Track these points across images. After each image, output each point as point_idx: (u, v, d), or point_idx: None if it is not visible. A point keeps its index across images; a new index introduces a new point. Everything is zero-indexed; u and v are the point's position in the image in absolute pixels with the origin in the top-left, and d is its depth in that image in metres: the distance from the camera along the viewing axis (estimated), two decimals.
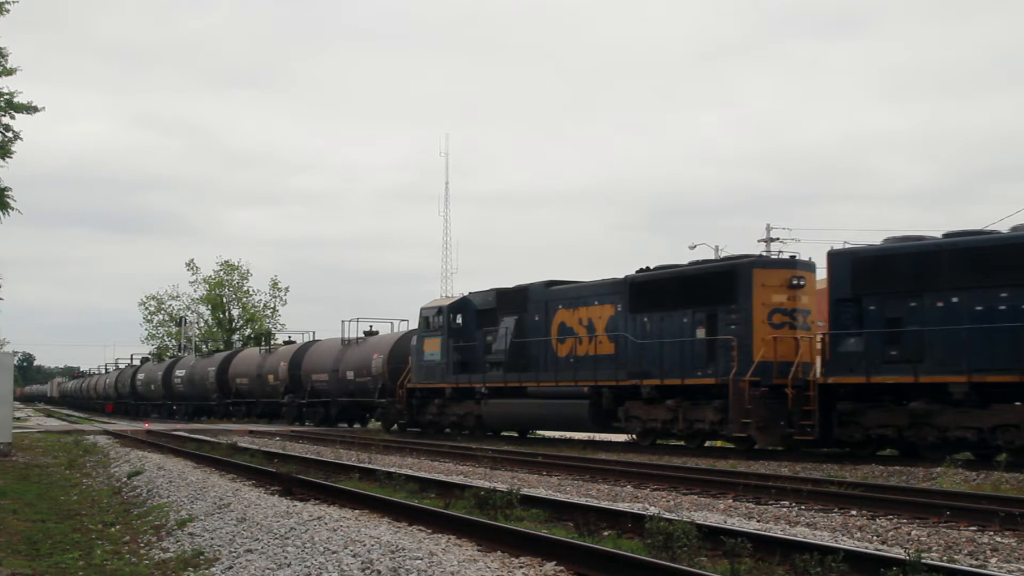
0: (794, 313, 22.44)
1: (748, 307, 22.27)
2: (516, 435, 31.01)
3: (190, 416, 54.75)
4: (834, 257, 20.81)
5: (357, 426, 40.51)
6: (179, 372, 57.08)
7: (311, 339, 46.35)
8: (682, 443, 24.28)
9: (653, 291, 24.55)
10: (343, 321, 40.82)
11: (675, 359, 23.37)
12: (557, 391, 26.62)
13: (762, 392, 21.41)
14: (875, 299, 20.00)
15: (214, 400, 51.72)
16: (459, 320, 30.80)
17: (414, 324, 38.04)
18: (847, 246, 20.95)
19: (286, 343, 49.09)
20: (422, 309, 32.27)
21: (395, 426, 34.78)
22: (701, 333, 23.02)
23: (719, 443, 24.84)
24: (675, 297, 23.87)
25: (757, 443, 21.72)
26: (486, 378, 29.14)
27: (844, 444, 20.61)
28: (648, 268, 25.18)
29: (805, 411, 20.56)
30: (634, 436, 25.33)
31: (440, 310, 31.29)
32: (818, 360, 21.22)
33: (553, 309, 27.38)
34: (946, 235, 19.70)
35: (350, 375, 38.88)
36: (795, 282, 22.48)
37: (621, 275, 25.72)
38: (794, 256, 23.60)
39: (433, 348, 31.27)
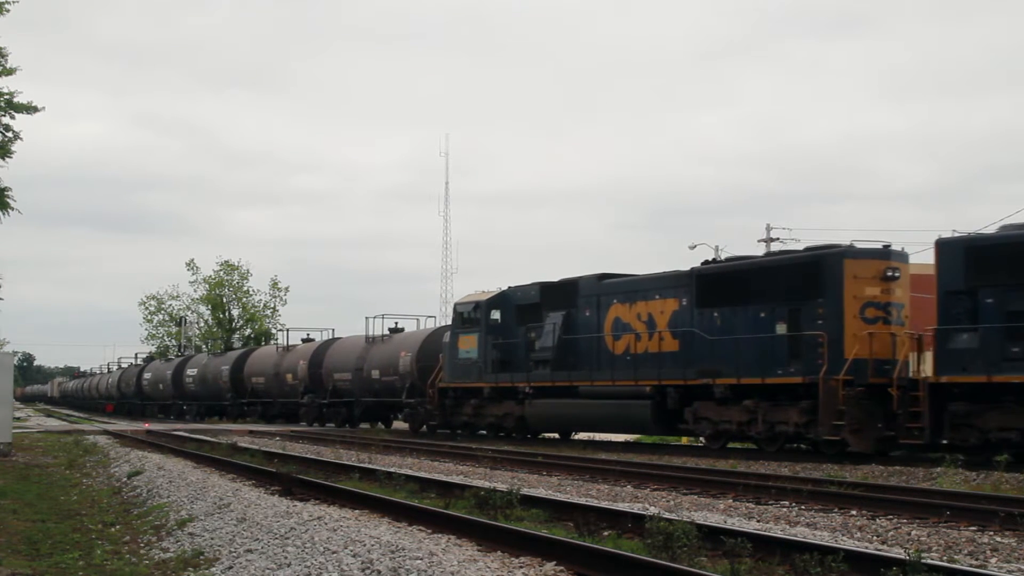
0: (888, 307, 20.72)
1: (838, 301, 20.61)
2: (557, 436, 29.49)
3: (202, 416, 53.36)
4: (944, 246, 19.25)
5: (381, 427, 39.35)
6: (191, 371, 55.54)
7: (331, 336, 44.82)
8: (753, 446, 22.76)
9: (724, 284, 22.97)
10: (367, 318, 39.84)
11: (752, 357, 21.72)
12: (614, 391, 24.97)
13: (857, 392, 19.90)
14: (993, 291, 18.43)
15: (228, 400, 50.27)
16: (497, 316, 29.29)
17: (442, 321, 37.71)
18: (957, 234, 19.47)
19: (304, 341, 46.94)
20: (456, 304, 31.04)
21: (424, 427, 33.59)
22: (782, 329, 21.42)
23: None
24: (750, 291, 22.28)
25: (850, 446, 20.03)
26: (530, 377, 27.53)
27: (957, 448, 18.78)
28: (714, 260, 23.94)
29: (912, 413, 19.14)
30: (702, 439, 23.89)
31: (477, 305, 29.77)
32: (916, 357, 19.91)
33: (607, 304, 25.81)
34: None
35: (375, 374, 37.27)
36: (889, 273, 20.73)
37: (685, 267, 24.31)
38: (887, 246, 21.59)
39: (469, 345, 29.80)
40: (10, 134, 22.33)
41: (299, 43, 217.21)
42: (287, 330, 47.75)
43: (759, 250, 46.37)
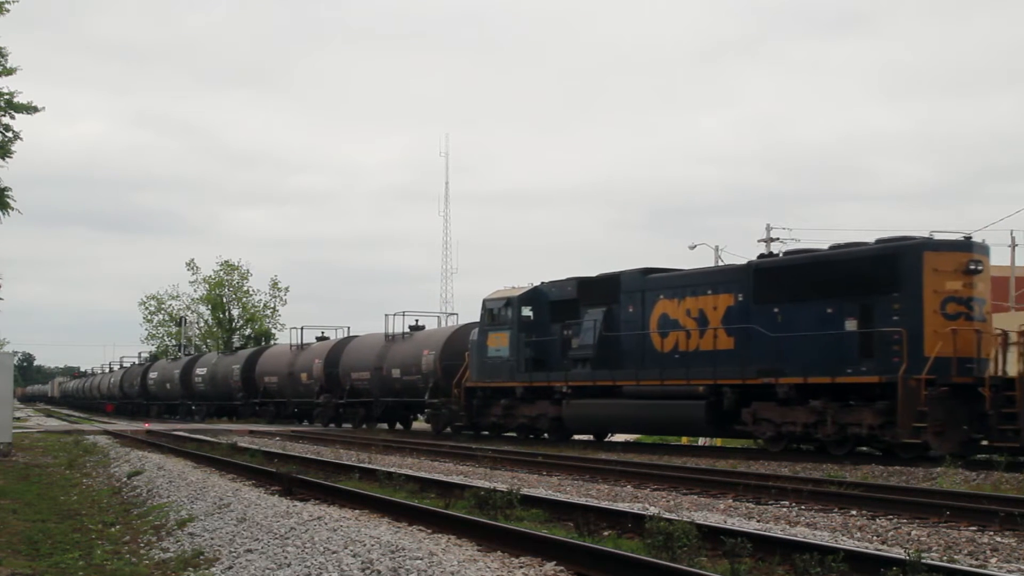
0: (970, 302, 19.67)
1: (917, 295, 19.53)
2: (591, 438, 28.30)
3: (212, 417, 52.09)
4: None
5: (400, 428, 38.34)
6: (200, 370, 54.29)
7: (347, 335, 43.53)
8: (811, 448, 21.43)
9: (785, 279, 21.72)
10: (386, 315, 37.85)
11: (819, 355, 20.59)
12: (662, 391, 23.65)
13: (940, 392, 18.89)
14: None
15: (239, 400, 48.88)
16: (529, 312, 28.08)
17: (465, 318, 36.03)
18: None
19: (319, 339, 45.25)
20: (486, 301, 29.45)
21: (447, 428, 32.39)
22: (852, 325, 20.31)
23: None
24: (815, 285, 21.06)
25: (931, 449, 18.96)
26: (569, 376, 26.22)
27: None
28: (770, 254, 22.69)
29: (1005, 414, 18.27)
30: (759, 441, 22.36)
31: (508, 302, 28.44)
32: (1002, 355, 19.08)
33: (652, 300, 24.55)
34: None
35: (396, 373, 35.82)
36: (971, 267, 19.70)
37: (741, 261, 23.24)
38: (968, 237, 20.62)
39: (499, 343, 28.49)
40: (10, 134, 22.36)
41: (299, 42, 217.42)
42: (301, 328, 45.92)
43: (759, 250, 46.43)
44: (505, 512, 11.21)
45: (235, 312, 77.14)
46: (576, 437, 28.90)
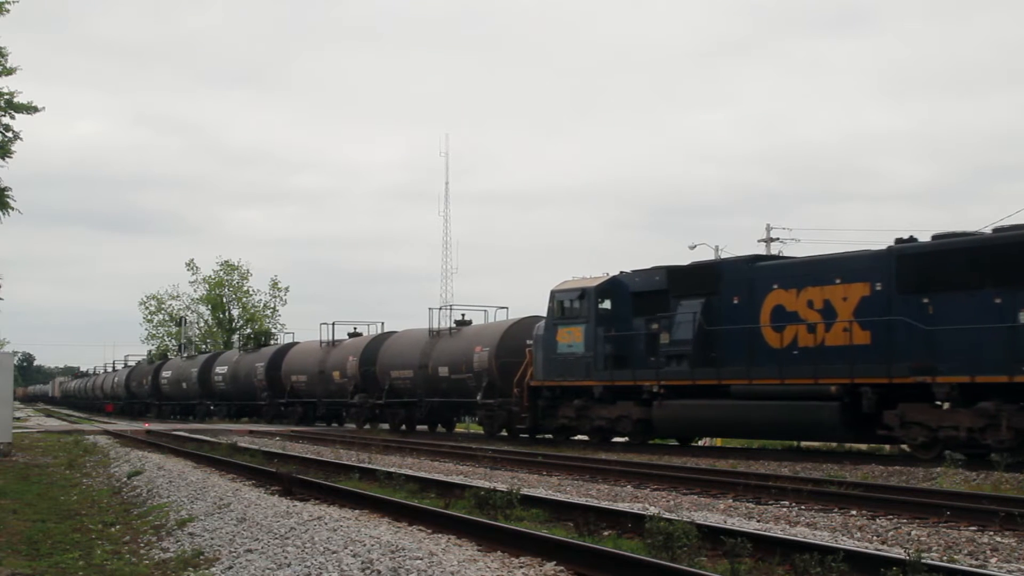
0: None
1: None
2: (677, 443, 26.40)
3: (232, 418, 49.54)
4: None
5: (442, 431, 35.96)
6: (220, 369, 51.59)
7: (381, 330, 41.07)
8: (962, 457, 18.20)
9: (939, 266, 19.45)
10: (430, 309, 35.44)
11: (986, 351, 18.26)
12: (782, 390, 21.22)
13: None
14: None
15: (264, 400, 46.16)
16: (608, 305, 25.76)
17: (515, 313, 33.75)
18: None
19: (352, 335, 42.12)
20: (555, 292, 26.98)
21: (503, 431, 30.47)
22: None
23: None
24: (976, 273, 18.79)
25: None
26: (661, 374, 23.77)
27: None
28: (911, 239, 20.48)
29: None
30: (905, 446, 20.02)
31: (583, 293, 26.02)
32: None
33: (763, 290, 22.23)
34: None
35: (443, 371, 33.23)
36: None
37: (876, 247, 21.12)
38: None
39: (572, 339, 26.16)
40: (10, 134, 22.37)
41: (298, 42, 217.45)
42: (332, 324, 42.56)
43: (759, 250, 46.46)
44: (505, 512, 11.22)
45: (235, 312, 77.21)
46: (575, 438, 28.77)
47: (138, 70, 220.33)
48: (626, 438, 25.72)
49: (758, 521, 11.63)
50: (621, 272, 26.31)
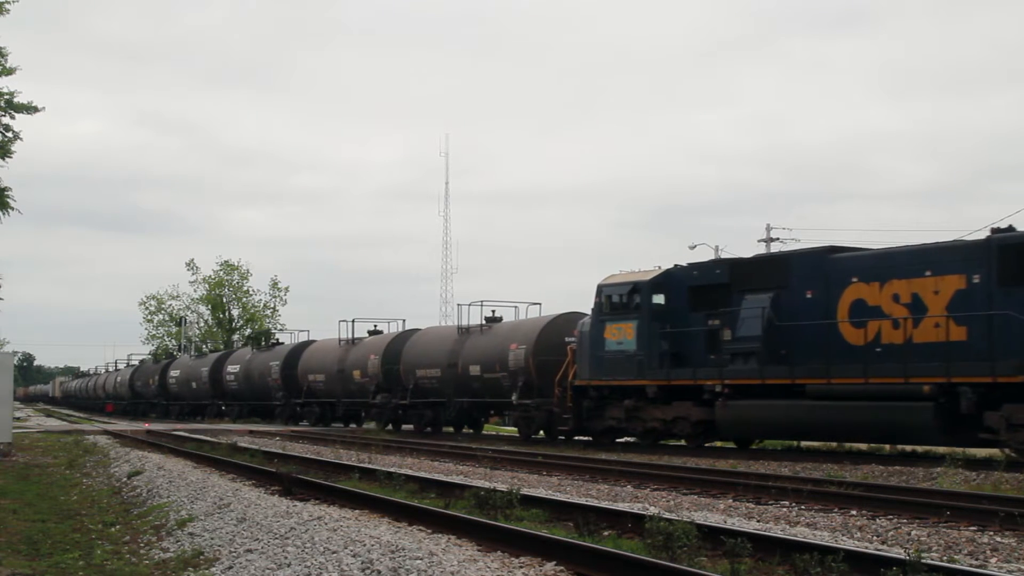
0: None
1: None
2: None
3: (245, 418, 47.83)
4: None
5: (469, 432, 34.29)
6: (232, 368, 50.28)
7: (402, 327, 39.60)
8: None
9: None
10: (459, 305, 33.64)
11: None
12: (864, 390, 19.85)
13: None
14: None
15: (279, 400, 44.69)
16: (661, 300, 24.46)
17: (548, 309, 32.42)
18: None
19: (372, 333, 40.69)
20: (602, 286, 25.55)
21: (540, 433, 29.23)
22: None
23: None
24: None
25: None
26: (725, 373, 22.28)
27: None
28: (1010, 228, 19.37)
29: None
30: (1009, 451, 18.21)
31: (635, 287, 24.60)
32: None
33: (840, 283, 20.92)
34: None
35: (474, 370, 31.74)
36: None
37: (969, 237, 19.99)
38: None
39: (622, 335, 24.73)
40: (10, 134, 22.35)
41: (298, 42, 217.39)
42: (352, 321, 40.76)
43: (759, 250, 46.54)
44: (505, 512, 11.21)
45: (235, 312, 77.25)
46: (574, 438, 28.67)
47: (138, 70, 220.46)
48: (681, 441, 24.50)
49: (758, 521, 11.63)
50: (676, 265, 25.27)
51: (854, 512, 12.41)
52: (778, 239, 48.51)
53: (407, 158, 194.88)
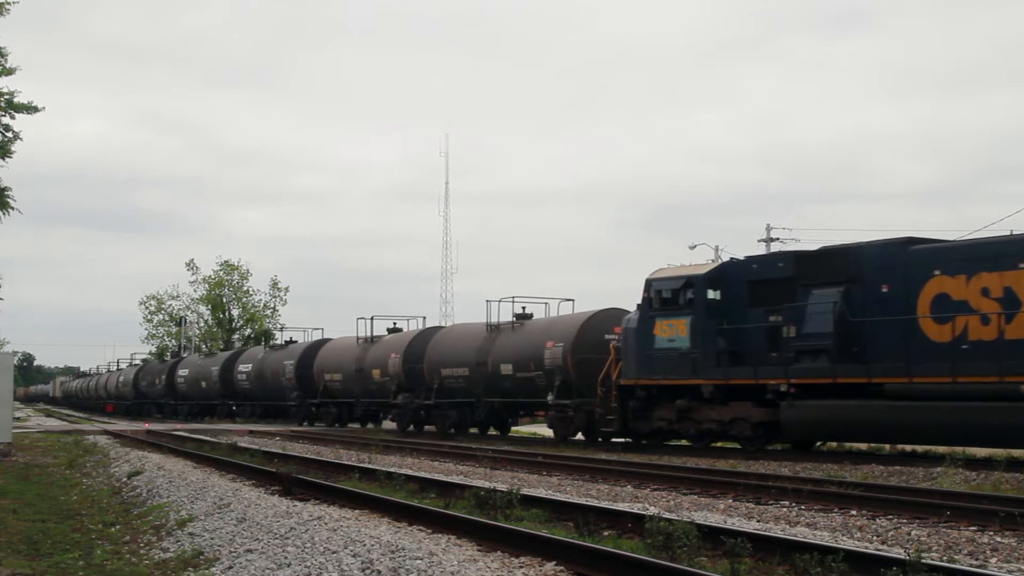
0: None
1: None
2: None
3: (257, 418, 47.12)
4: None
5: (496, 433, 33.22)
6: (243, 367, 49.02)
7: (422, 325, 38.40)
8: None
9: None
10: (488, 301, 32.15)
11: None
12: (952, 390, 18.54)
13: None
14: None
15: (293, 400, 43.37)
16: (716, 295, 23.29)
17: (582, 306, 31.07)
18: None
19: (391, 331, 39.45)
20: (651, 280, 24.28)
21: (578, 434, 27.98)
22: None
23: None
24: None
25: None
26: (792, 372, 20.96)
27: None
28: None
29: None
30: None
31: (688, 282, 23.41)
32: None
33: (921, 276, 19.60)
34: None
35: (505, 369, 30.38)
36: None
37: None
38: None
39: (673, 332, 23.51)
40: (10, 134, 22.36)
41: (298, 41, 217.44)
42: (371, 319, 39.38)
43: (759, 249, 46.52)
44: (505, 512, 11.22)
45: (235, 312, 77.27)
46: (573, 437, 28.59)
47: (138, 70, 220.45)
48: (736, 443, 23.18)
49: (758, 521, 11.63)
50: (732, 259, 24.38)
51: (854, 512, 12.41)
52: (778, 239, 48.49)
53: (407, 158, 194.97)
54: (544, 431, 33.28)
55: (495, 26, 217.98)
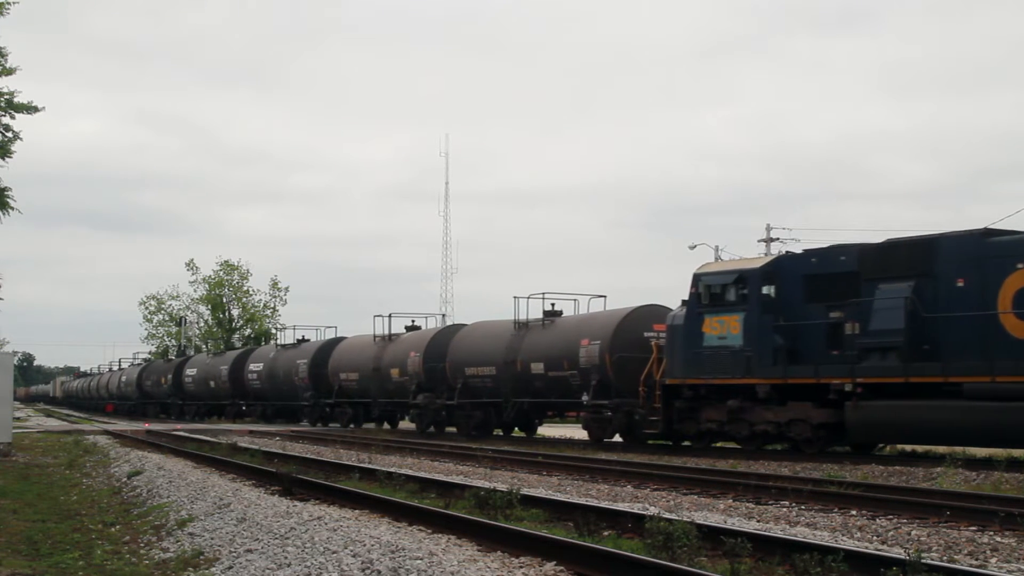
0: None
1: None
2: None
3: (268, 419, 46.14)
4: None
5: (520, 435, 32.22)
6: (254, 366, 47.87)
7: (441, 323, 37.15)
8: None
9: None
10: (516, 297, 30.70)
11: None
12: None
13: None
14: None
15: (306, 400, 42.14)
16: (770, 291, 22.19)
17: (613, 304, 30.07)
18: None
19: (410, 329, 38.24)
20: (700, 275, 23.21)
21: (615, 436, 26.79)
22: None
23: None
24: None
25: None
26: (858, 371, 19.83)
27: None
28: None
29: None
30: None
31: (741, 276, 22.37)
32: None
33: (1001, 270, 18.55)
34: None
35: (536, 368, 29.17)
36: None
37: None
38: None
39: (724, 329, 22.46)
40: (10, 134, 22.36)
41: (298, 41, 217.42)
42: (389, 316, 37.96)
43: (759, 249, 46.56)
44: (505, 512, 11.22)
45: (235, 312, 77.27)
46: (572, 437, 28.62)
47: (138, 69, 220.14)
48: (785, 445, 22.10)
49: (758, 521, 11.63)
50: (788, 252, 23.16)
51: (854, 512, 12.42)
52: (778, 239, 48.55)
53: (407, 158, 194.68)
54: (571, 432, 32.51)
55: (495, 26, 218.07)
